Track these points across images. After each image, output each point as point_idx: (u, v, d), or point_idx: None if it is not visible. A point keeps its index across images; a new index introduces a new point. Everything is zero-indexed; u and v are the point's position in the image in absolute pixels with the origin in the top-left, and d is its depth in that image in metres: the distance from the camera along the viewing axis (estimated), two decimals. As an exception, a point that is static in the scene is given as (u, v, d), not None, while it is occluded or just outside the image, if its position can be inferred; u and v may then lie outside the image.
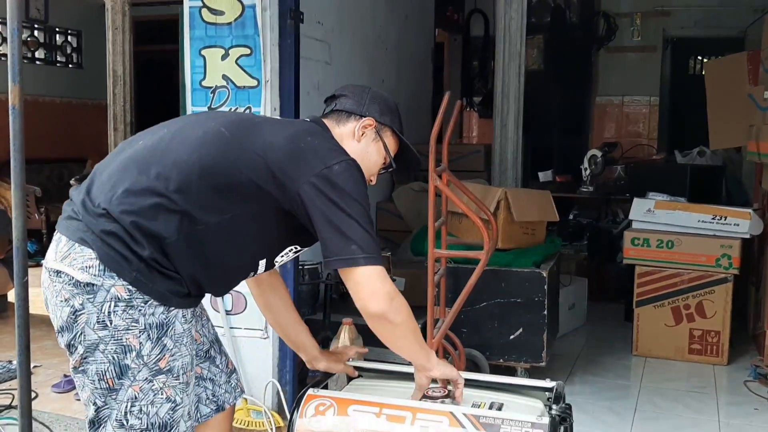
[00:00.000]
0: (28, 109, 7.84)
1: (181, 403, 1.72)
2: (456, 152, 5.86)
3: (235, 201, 1.72)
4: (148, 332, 1.66)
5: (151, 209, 1.65)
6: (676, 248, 4.20)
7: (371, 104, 1.93)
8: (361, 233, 1.69)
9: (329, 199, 1.67)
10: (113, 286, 1.63)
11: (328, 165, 1.70)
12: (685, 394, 3.74)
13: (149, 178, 1.68)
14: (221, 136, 1.75)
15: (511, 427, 1.95)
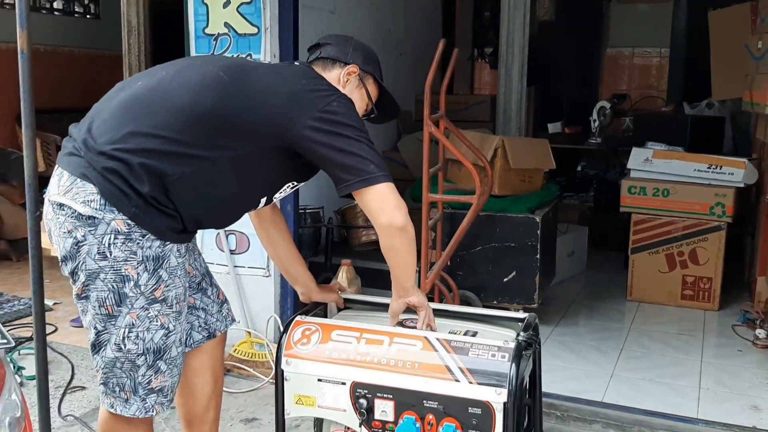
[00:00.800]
0: (47, 60, 8.03)
1: (174, 330, 1.87)
2: (462, 102, 5.97)
3: (237, 141, 1.81)
4: (145, 264, 1.78)
5: (158, 149, 1.75)
6: (672, 197, 4.29)
7: (355, 52, 2.02)
8: (373, 154, 1.82)
9: (335, 132, 1.78)
10: (113, 220, 1.74)
11: (328, 102, 1.80)
12: (672, 336, 3.88)
13: (153, 119, 1.77)
14: (220, 80, 1.82)
15: (479, 351, 2.10)
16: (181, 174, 1.77)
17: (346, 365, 2.16)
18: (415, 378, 2.11)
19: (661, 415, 2.92)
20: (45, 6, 8.19)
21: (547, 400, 3.02)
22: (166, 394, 1.89)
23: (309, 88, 1.84)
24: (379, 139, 5.06)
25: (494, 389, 2.04)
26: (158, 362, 1.85)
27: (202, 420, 2.23)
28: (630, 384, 3.26)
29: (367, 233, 3.92)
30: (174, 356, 1.89)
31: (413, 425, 2.11)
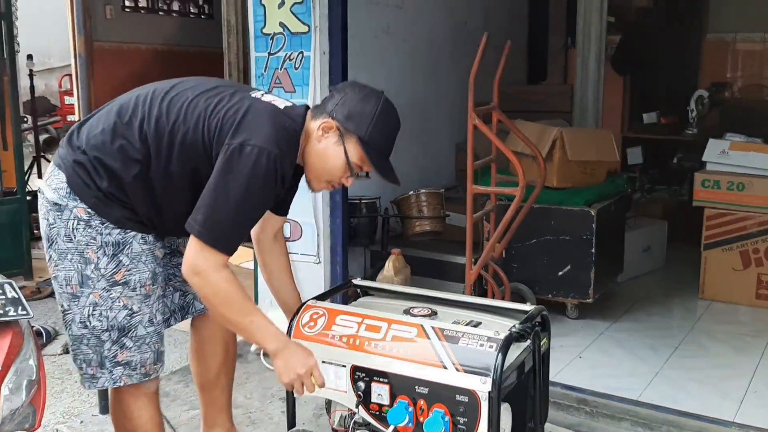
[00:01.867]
0: (164, 59, 8.59)
1: (139, 311, 2.03)
2: (544, 93, 5.91)
3: (187, 153, 1.94)
4: (104, 249, 1.96)
5: (116, 150, 1.94)
6: (747, 191, 4.09)
7: (342, 108, 1.94)
8: (217, 211, 1.84)
9: (223, 169, 1.83)
10: (75, 207, 1.95)
11: (243, 143, 1.83)
12: (736, 337, 3.72)
13: (122, 123, 1.96)
14: (185, 97, 1.96)
15: (469, 340, 2.17)
16: (134, 177, 1.95)
17: (347, 349, 2.28)
18: (407, 364, 2.20)
19: (694, 416, 2.84)
20: (163, 8, 8.81)
21: (578, 395, 3.04)
22: (134, 367, 2.05)
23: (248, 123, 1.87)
24: (455, 130, 5.12)
25: (480, 378, 2.10)
26: (123, 339, 2.02)
27: (214, 385, 2.43)
28: (673, 383, 3.18)
29: (420, 223, 4.00)
30: (142, 335, 2.05)
31: (405, 409, 2.20)
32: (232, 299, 1.94)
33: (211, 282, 1.90)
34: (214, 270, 1.89)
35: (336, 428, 2.39)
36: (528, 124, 4.08)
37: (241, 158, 1.83)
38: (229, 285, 1.93)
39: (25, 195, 4.84)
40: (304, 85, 3.47)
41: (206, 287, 1.91)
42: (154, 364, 2.10)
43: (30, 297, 4.41)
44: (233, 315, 1.97)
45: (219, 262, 1.89)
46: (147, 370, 2.08)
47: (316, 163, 1.99)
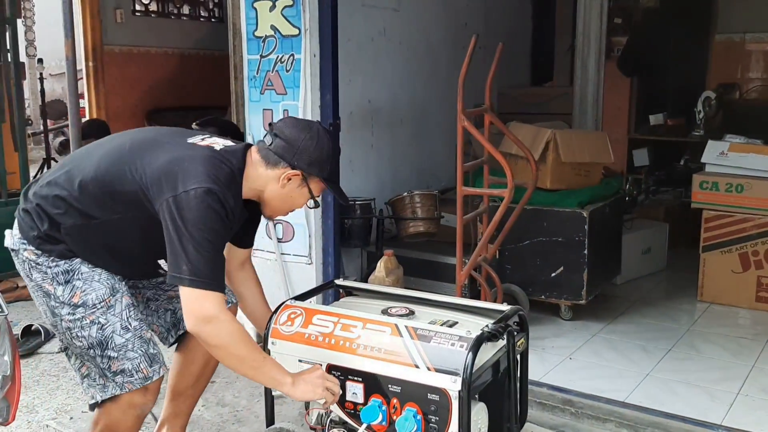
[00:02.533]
0: (174, 62, 8.67)
1: (107, 322, 2.09)
2: (545, 95, 5.90)
3: (124, 206, 2.05)
4: (56, 279, 2.08)
5: (56, 199, 2.06)
6: (746, 192, 4.05)
7: (301, 156, 2.07)
8: (195, 257, 1.90)
9: (175, 221, 1.91)
10: (25, 250, 2.09)
11: (185, 190, 1.92)
12: (731, 340, 3.68)
13: (64, 174, 2.10)
14: (122, 150, 2.09)
15: (441, 339, 2.18)
16: (72, 224, 2.06)
17: (323, 348, 2.30)
18: (380, 363, 2.22)
19: (680, 419, 2.82)
20: (173, 12, 8.90)
21: (564, 396, 3.03)
22: (131, 374, 2.12)
23: (183, 171, 1.96)
24: (455, 131, 5.10)
25: (450, 377, 2.11)
26: (106, 351, 2.09)
27: (184, 394, 2.48)
28: (662, 385, 3.15)
29: (414, 225, 4.00)
30: (121, 343, 2.10)
31: (378, 408, 2.21)
32: (244, 337, 2.03)
33: (226, 324, 1.97)
34: (221, 312, 1.96)
35: (313, 426, 2.41)
36: (522, 126, 4.08)
37: (191, 202, 1.92)
38: (238, 324, 2.04)
39: (30, 196, 4.92)
40: (295, 87, 3.50)
41: (222, 331, 1.97)
42: (151, 366, 2.14)
43: (30, 297, 4.47)
44: (248, 352, 2.03)
45: (222, 304, 1.97)
46: (145, 374, 2.13)
47: (279, 204, 2.18)
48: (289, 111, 3.53)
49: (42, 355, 3.66)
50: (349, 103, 4.13)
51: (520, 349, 2.41)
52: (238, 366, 2.05)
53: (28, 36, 7.77)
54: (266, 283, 3.71)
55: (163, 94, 8.65)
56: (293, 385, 2.09)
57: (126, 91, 8.19)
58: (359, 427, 2.20)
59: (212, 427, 2.91)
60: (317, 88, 3.49)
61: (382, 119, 4.58)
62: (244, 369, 2.06)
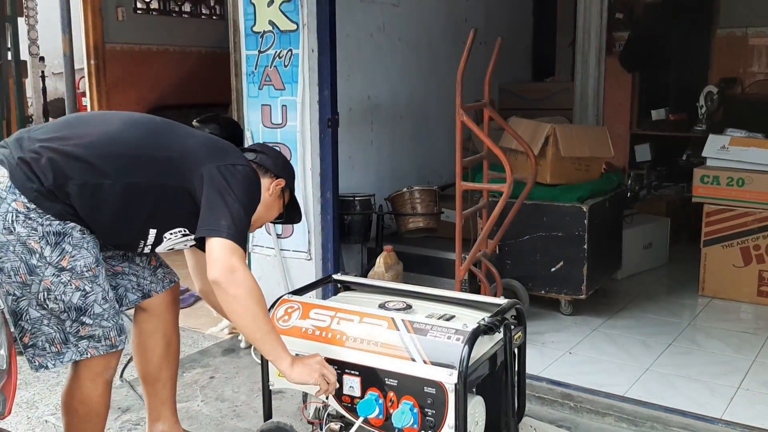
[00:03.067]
0: (176, 60, 8.67)
1: (92, 291, 2.09)
2: (546, 90, 5.88)
3: (148, 172, 2.09)
4: (47, 239, 2.02)
5: (71, 155, 2.03)
6: (747, 186, 4.03)
7: (284, 169, 2.36)
8: (235, 215, 2.03)
9: (221, 184, 2.06)
10: (14, 201, 2.00)
11: (234, 164, 2.13)
12: (732, 334, 3.67)
13: (82, 131, 2.10)
14: (152, 120, 2.22)
15: (437, 332, 2.18)
16: (83, 182, 2.04)
17: (320, 342, 2.30)
18: (377, 356, 2.21)
19: (680, 413, 2.81)
20: (174, 10, 8.90)
21: (563, 390, 3.02)
22: (98, 340, 2.12)
23: (227, 148, 2.22)
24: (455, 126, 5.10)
25: (447, 370, 2.11)
26: (82, 317, 2.09)
27: (156, 378, 2.50)
28: (662, 380, 3.14)
29: (414, 220, 4.00)
30: (99, 312, 2.11)
31: (375, 401, 2.21)
32: (261, 298, 2.07)
33: (249, 278, 2.03)
34: (245, 266, 2.04)
35: (310, 420, 2.42)
36: (522, 121, 4.07)
37: (237, 175, 2.11)
38: (258, 285, 2.08)
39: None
40: (293, 82, 3.50)
41: (245, 282, 2.02)
42: (119, 336, 2.17)
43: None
44: (262, 312, 2.07)
45: (245, 262, 2.07)
46: (112, 342, 2.15)
47: (263, 212, 2.31)
48: (288, 106, 3.53)
49: (42, 352, 3.66)
50: (348, 99, 4.13)
51: (518, 342, 2.41)
52: (250, 323, 2.06)
53: (30, 35, 7.78)
54: (266, 278, 3.75)
55: (165, 91, 8.65)
56: (291, 364, 2.10)
57: (128, 89, 8.19)
58: (356, 421, 2.20)
59: (211, 422, 2.91)
60: (316, 84, 3.49)
61: (382, 115, 4.57)
62: (253, 329, 2.07)
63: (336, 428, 2.36)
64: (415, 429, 2.14)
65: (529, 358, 2.62)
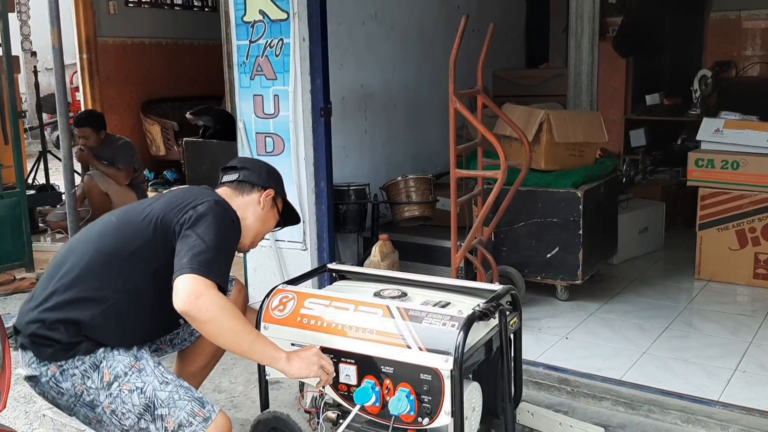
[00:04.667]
0: (169, 52, 8.66)
1: (145, 383, 2.06)
2: (539, 76, 5.87)
3: (134, 268, 2.10)
4: (86, 375, 2.07)
5: (64, 304, 2.05)
6: (742, 169, 4.03)
7: (270, 178, 2.36)
8: (196, 250, 1.99)
9: (184, 232, 2.04)
10: (48, 369, 2.07)
11: (199, 203, 2.11)
12: (729, 317, 3.67)
13: (61, 277, 2.09)
14: (109, 223, 2.20)
15: (432, 319, 2.18)
16: (91, 316, 2.05)
17: (315, 331, 2.30)
18: (373, 344, 2.21)
19: (676, 395, 2.82)
20: (167, 2, 8.85)
21: (560, 375, 3.03)
22: (189, 422, 2.02)
23: (186, 195, 2.17)
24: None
25: (442, 357, 2.11)
26: (156, 411, 2.04)
27: (191, 376, 2.48)
28: (659, 363, 3.15)
29: (409, 209, 4.00)
30: (166, 396, 2.06)
31: (372, 389, 2.21)
32: (235, 312, 2.03)
33: (216, 298, 1.98)
34: (211, 288, 1.97)
35: (308, 409, 2.42)
36: (516, 108, 4.06)
37: (203, 212, 2.08)
38: (228, 301, 2.04)
39: (25, 189, 4.92)
40: (285, 72, 3.48)
41: (213, 304, 1.96)
42: (204, 407, 2.07)
43: (30, 288, 4.48)
44: (241, 326, 2.02)
45: (213, 287, 1.98)
46: (203, 416, 2.05)
47: (260, 226, 2.34)
48: (280, 96, 3.52)
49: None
50: (341, 88, 4.12)
51: (513, 328, 2.41)
52: (232, 340, 2.02)
53: (23, 30, 7.75)
54: (262, 269, 3.75)
55: (158, 84, 8.62)
56: (288, 360, 2.08)
57: (121, 83, 8.16)
58: (353, 409, 2.20)
59: (209, 413, 2.90)
60: (307, 73, 3.47)
61: (376, 104, 4.56)
62: (238, 343, 2.03)
63: (333, 417, 2.36)
64: (412, 416, 2.14)
65: (526, 343, 2.62)
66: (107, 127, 5.96)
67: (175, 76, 8.64)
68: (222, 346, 2.12)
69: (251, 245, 2.38)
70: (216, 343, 2.09)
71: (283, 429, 2.31)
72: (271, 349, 2.09)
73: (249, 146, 3.68)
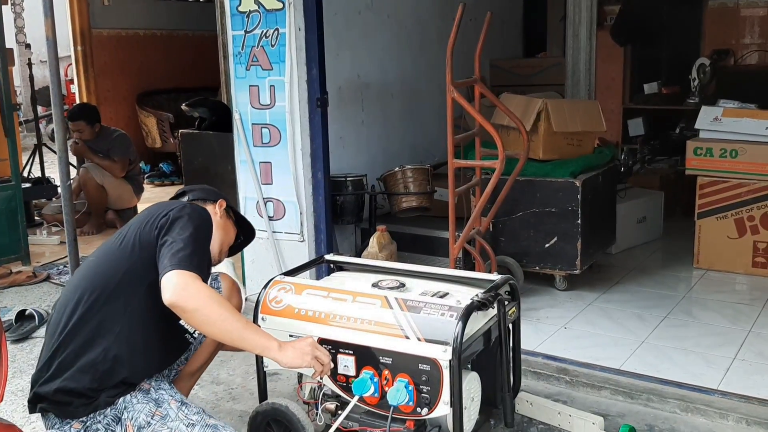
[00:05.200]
0: (164, 44, 8.60)
1: (170, 431, 2.06)
2: (537, 65, 5.84)
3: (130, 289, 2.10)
4: (110, 428, 2.07)
5: (77, 349, 2.05)
6: (741, 157, 4.01)
7: (218, 194, 2.44)
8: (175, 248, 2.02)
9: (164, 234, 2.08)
10: (71, 428, 2.07)
11: (171, 209, 2.16)
12: (728, 306, 3.67)
13: (62, 330, 2.09)
14: (91, 264, 2.22)
15: (431, 310, 2.17)
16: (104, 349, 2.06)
17: (313, 322, 2.29)
18: (371, 335, 2.20)
19: (676, 384, 2.81)
20: (163, -6, 8.79)
21: (559, 365, 3.02)
22: None
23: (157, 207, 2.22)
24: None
25: (441, 347, 2.10)
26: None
27: (188, 376, 2.49)
28: (658, 352, 3.14)
29: (407, 199, 3.97)
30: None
31: (370, 380, 2.20)
32: (223, 301, 2.04)
33: (202, 288, 1.99)
34: (197, 280, 1.99)
35: (306, 400, 2.41)
36: (514, 97, 4.04)
37: (176, 215, 2.13)
38: (215, 290, 2.08)
39: (20, 182, 4.89)
40: (281, 62, 3.46)
41: (199, 294, 1.97)
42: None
43: (26, 282, 4.46)
44: (229, 313, 2.01)
45: (199, 278, 2.00)
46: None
47: (223, 235, 2.37)
48: (276, 87, 3.49)
49: (36, 340, 3.63)
50: (337, 78, 4.09)
51: (512, 318, 2.40)
52: (222, 327, 2.00)
53: (17, 23, 7.70)
54: (259, 261, 3.74)
55: (154, 76, 8.57)
56: (280, 349, 2.06)
57: (116, 75, 8.12)
58: (351, 400, 2.19)
59: (207, 405, 2.89)
60: (303, 63, 3.45)
61: (372, 94, 4.53)
62: (228, 330, 2.01)
63: (332, 407, 2.35)
64: (411, 406, 2.14)
65: (525, 333, 2.62)
66: (102, 120, 5.93)
67: (170, 68, 8.60)
68: (212, 335, 2.10)
69: (220, 255, 2.39)
70: (205, 332, 2.08)
71: (282, 420, 2.30)
72: (262, 337, 2.08)
73: (245, 137, 3.66)
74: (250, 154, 3.66)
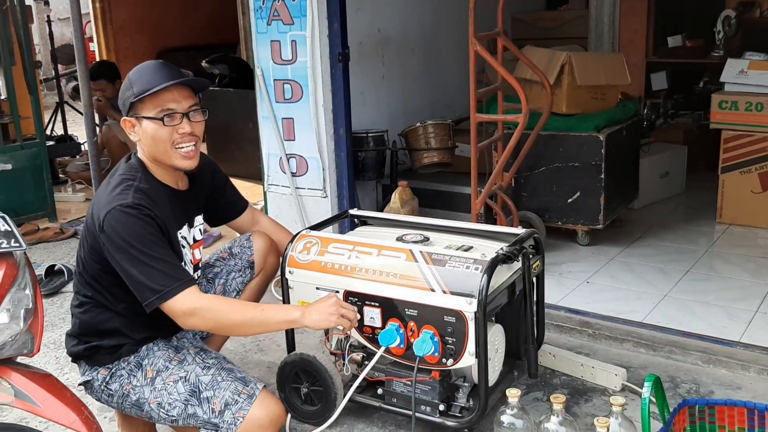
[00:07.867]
0: (182, 1, 8.44)
1: (187, 372, 2.09)
2: (559, 18, 5.75)
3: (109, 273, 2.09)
4: (132, 373, 2.14)
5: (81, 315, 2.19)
6: (766, 111, 3.96)
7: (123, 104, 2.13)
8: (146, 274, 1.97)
9: (115, 248, 2.00)
10: (98, 373, 2.17)
11: (101, 221, 2.01)
12: (750, 260, 3.66)
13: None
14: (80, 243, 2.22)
15: (456, 263, 2.19)
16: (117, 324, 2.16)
17: (340, 275, 2.32)
18: (397, 288, 2.23)
19: (698, 337, 2.83)
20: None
21: (581, 318, 3.05)
22: (234, 401, 2.01)
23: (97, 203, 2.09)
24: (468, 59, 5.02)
25: (466, 299, 2.12)
26: (202, 395, 2.05)
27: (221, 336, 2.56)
28: (680, 306, 3.16)
29: (428, 155, 3.97)
30: (209, 380, 2.06)
31: (396, 331, 2.24)
32: (231, 306, 2.08)
33: (207, 307, 2.01)
34: (197, 299, 2.01)
35: (333, 351, 2.45)
36: (537, 50, 3.99)
37: (111, 228, 1.99)
38: (217, 299, 2.12)
39: (44, 140, 4.94)
40: (302, 16, 3.44)
41: (208, 314, 2.01)
42: (247, 385, 2.05)
43: (53, 238, 4.54)
44: (243, 315, 2.05)
45: (194, 292, 2.01)
46: (247, 393, 2.04)
47: (153, 144, 2.10)
48: (297, 41, 3.48)
49: (66, 294, 3.71)
50: (357, 32, 4.06)
51: (536, 271, 2.42)
52: (241, 323, 2.04)
53: (35, -21, 7.69)
54: (283, 216, 3.77)
55: (172, 33, 8.53)
56: (304, 316, 2.08)
57: (134, 32, 8.09)
58: (378, 351, 2.24)
59: (235, 356, 2.96)
60: (325, 17, 3.43)
61: (393, 48, 4.50)
62: (251, 327, 2.08)
63: (358, 358, 2.40)
64: (436, 357, 2.18)
65: (547, 287, 2.64)
66: (122, 77, 5.94)
67: (188, 24, 8.55)
68: (234, 333, 2.25)
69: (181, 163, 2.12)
70: (229, 334, 2.26)
71: (310, 370, 2.35)
72: (282, 312, 2.14)
73: (267, 93, 3.66)
74: (273, 110, 3.67)
